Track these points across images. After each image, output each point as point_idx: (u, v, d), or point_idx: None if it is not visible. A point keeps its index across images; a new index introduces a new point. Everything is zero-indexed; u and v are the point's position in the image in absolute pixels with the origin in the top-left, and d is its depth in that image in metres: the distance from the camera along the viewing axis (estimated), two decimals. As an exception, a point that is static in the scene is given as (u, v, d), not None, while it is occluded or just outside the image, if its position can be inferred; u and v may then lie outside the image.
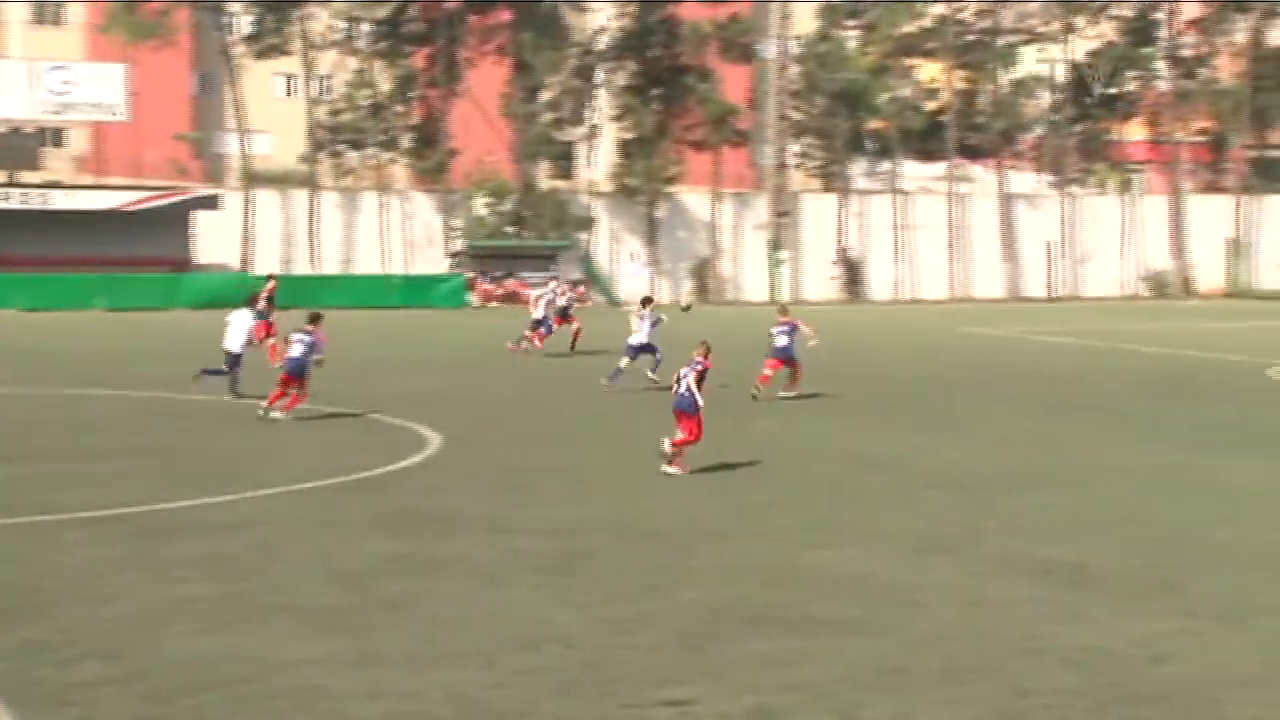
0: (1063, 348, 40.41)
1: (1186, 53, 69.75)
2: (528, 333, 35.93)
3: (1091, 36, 68.56)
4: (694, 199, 63.91)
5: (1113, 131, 69.96)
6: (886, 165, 67.45)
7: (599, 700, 10.49)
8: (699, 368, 19.87)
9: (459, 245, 60.47)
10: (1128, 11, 68.98)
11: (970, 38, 66.85)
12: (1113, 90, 69.03)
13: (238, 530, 15.85)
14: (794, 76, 65.58)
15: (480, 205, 61.20)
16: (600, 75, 64.07)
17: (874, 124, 67.48)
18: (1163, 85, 69.69)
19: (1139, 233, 68.08)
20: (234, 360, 26.88)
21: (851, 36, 67.10)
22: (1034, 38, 67.93)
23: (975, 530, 16.28)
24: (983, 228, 66.46)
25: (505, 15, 62.04)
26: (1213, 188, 72.16)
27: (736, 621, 12.47)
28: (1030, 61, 68.01)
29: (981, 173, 70.96)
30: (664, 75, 63.52)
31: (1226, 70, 70.78)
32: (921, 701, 10.53)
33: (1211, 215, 68.78)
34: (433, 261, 60.44)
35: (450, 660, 11.33)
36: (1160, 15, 69.40)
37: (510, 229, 60.88)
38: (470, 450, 21.64)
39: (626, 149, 63.73)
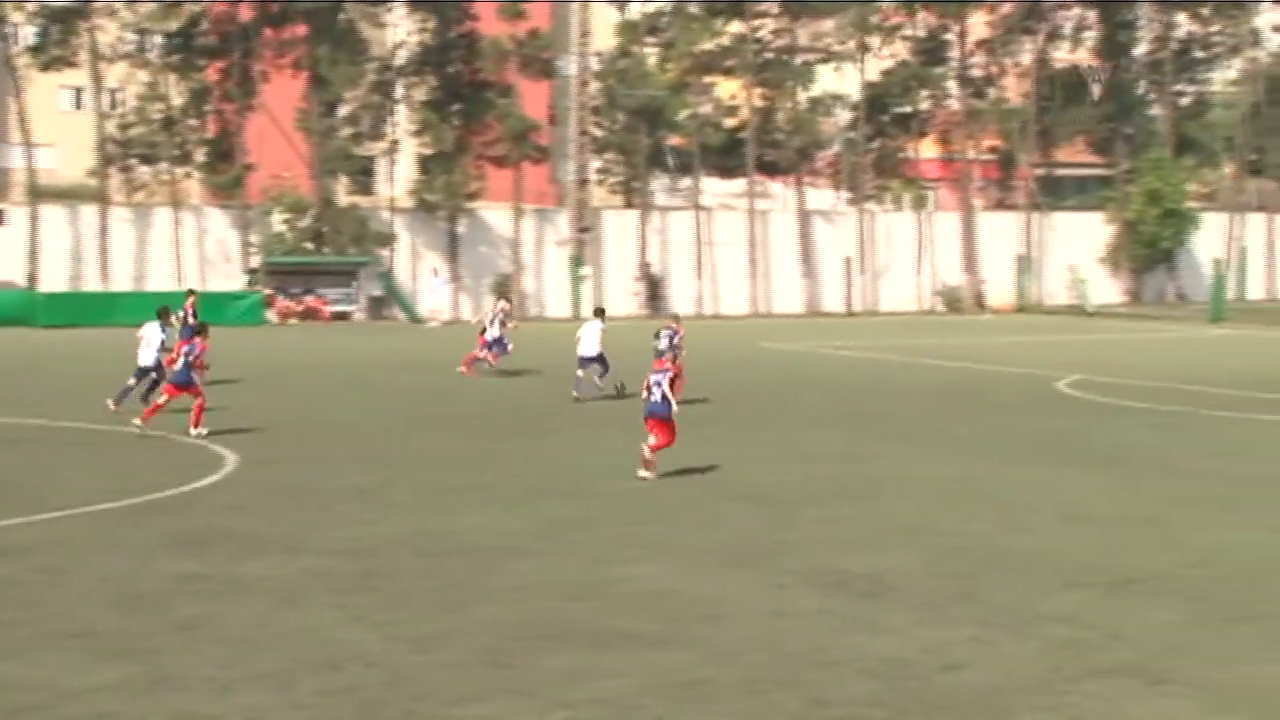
0: (861, 362, 41.21)
1: (976, 73, 71.70)
2: (482, 353, 35.06)
3: (885, 56, 70.08)
4: (495, 215, 63.86)
5: (907, 149, 71.61)
6: (687, 181, 68.14)
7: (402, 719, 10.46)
8: (670, 374, 21.15)
9: (256, 261, 59.56)
10: (919, 32, 70.70)
11: (768, 56, 67.90)
12: (906, 109, 70.67)
13: (21, 555, 15.43)
14: (594, 93, 65.93)
15: (278, 221, 60.35)
16: (399, 90, 63.66)
17: (675, 140, 68.11)
18: (954, 104, 71.53)
19: (933, 248, 69.75)
20: (142, 373, 27.00)
21: (651, 53, 67.68)
22: (829, 56, 69.24)
23: (776, 543, 16.55)
24: (782, 244, 67.48)
25: (301, 29, 61.32)
26: (1003, 205, 74.21)
27: (540, 637, 12.52)
28: (829, 79, 69.30)
29: (781, 189, 72.03)
30: (464, 91, 63.36)
31: (1014, 90, 72.93)
32: (724, 713, 10.69)
33: (1002, 232, 70.74)
34: (229, 278, 59.44)
35: (248, 683, 11.18)
36: (951, 36, 71.24)
37: (309, 245, 60.15)
38: (268, 469, 21.34)
39: (426, 164, 63.43)
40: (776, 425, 27.23)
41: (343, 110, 63.21)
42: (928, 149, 72.95)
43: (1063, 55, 74.24)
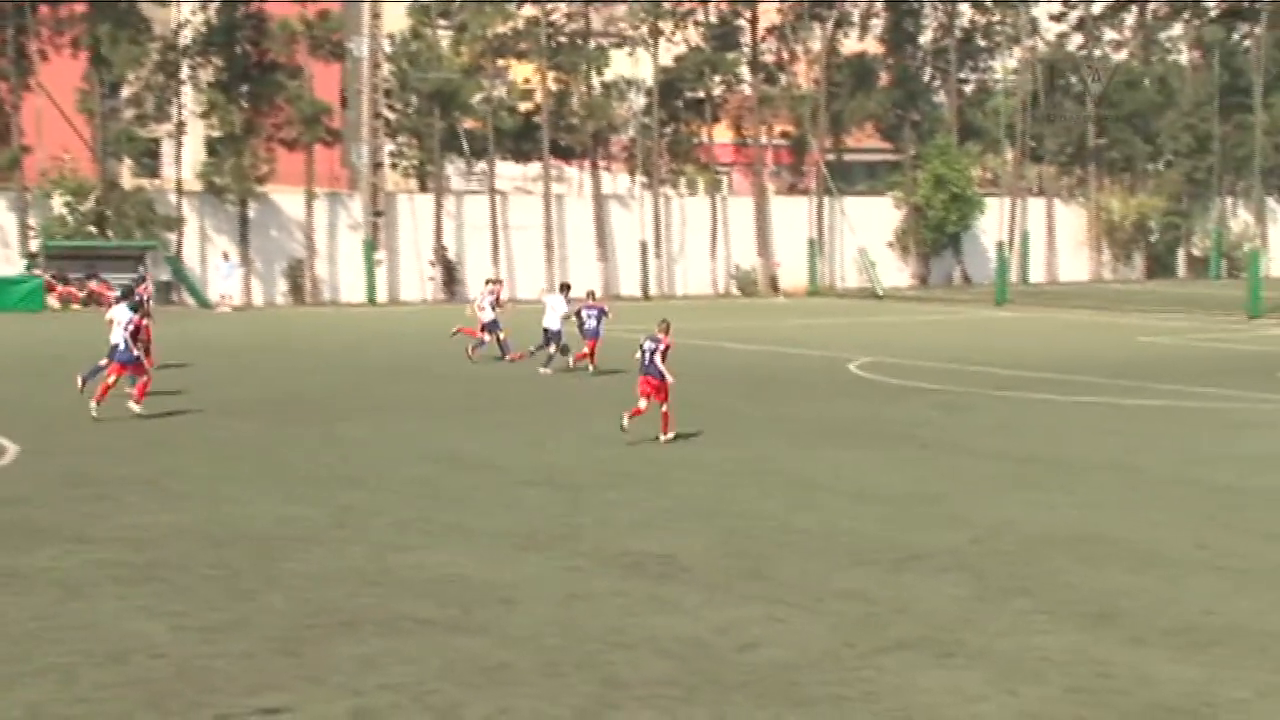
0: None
1: (768, 59, 72.60)
2: (486, 336, 35.67)
3: (678, 41, 70.56)
4: (287, 199, 62.83)
5: (700, 134, 72.22)
6: (482, 166, 67.84)
7: (191, 711, 10.25)
8: (662, 346, 23.03)
9: (35, 246, 57.74)
10: (711, 18, 71.33)
11: (561, 40, 67.90)
12: (699, 94, 71.25)
13: None
14: (386, 75, 65.24)
15: (59, 204, 58.59)
16: (185, 71, 62.21)
17: (469, 124, 67.74)
18: (746, 90, 72.32)
19: (727, 232, 70.48)
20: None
21: (444, 36, 67.21)
22: (623, 41, 69.51)
23: (570, 526, 16.60)
24: (578, 228, 67.58)
25: (80, 6, 59.54)
26: (795, 190, 75.31)
27: (331, 625, 12.38)
28: (623, 64, 69.56)
29: (576, 173, 72.12)
30: (252, 72, 62.19)
31: (805, 77, 74.04)
32: (521, 696, 10.69)
33: (794, 216, 71.77)
34: (7, 263, 57.56)
35: (30, 677, 10.87)
36: (742, 22, 72.01)
37: (92, 229, 58.52)
38: (50, 459, 20.74)
39: (215, 147, 62.16)
40: (568, 409, 27.28)
41: (126, 91, 61.57)
42: (721, 134, 73.67)
43: (852, 42, 75.59)
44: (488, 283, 39.49)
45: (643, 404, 23.01)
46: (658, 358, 23.06)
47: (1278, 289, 52.71)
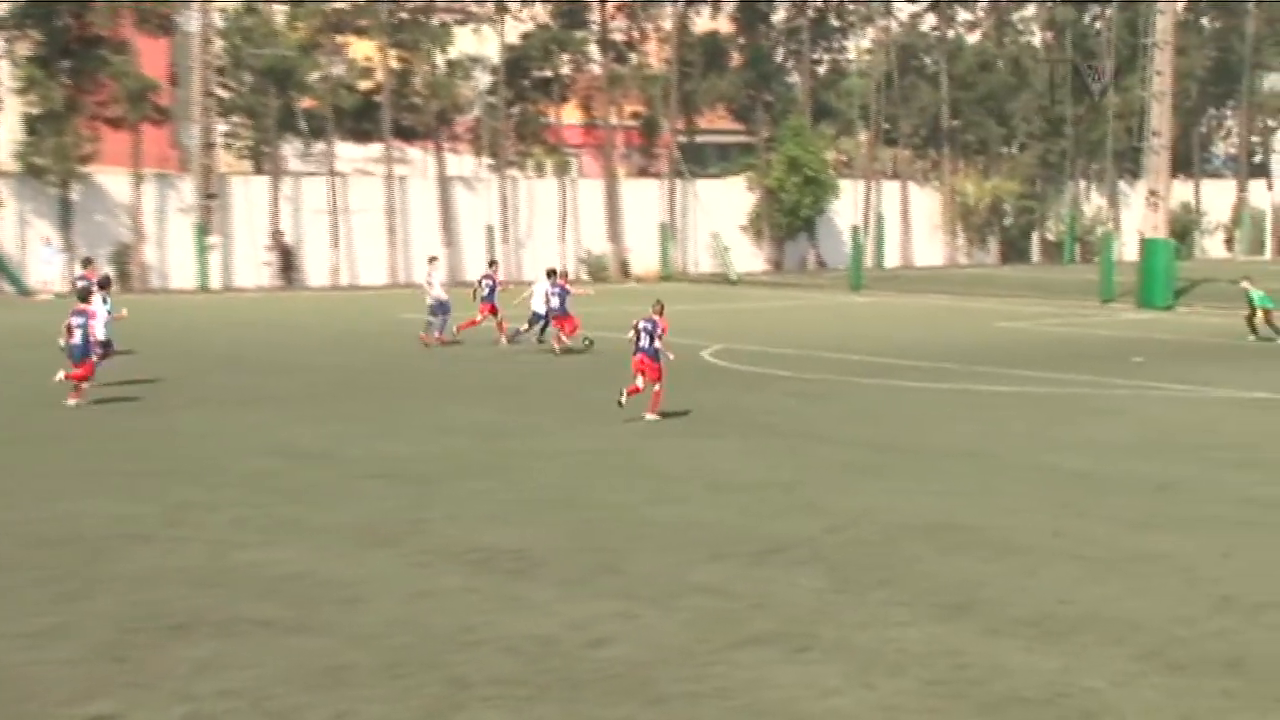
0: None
1: (617, 37, 72.64)
2: (481, 319, 37.15)
3: (524, 19, 70.34)
4: (113, 180, 61.57)
5: (548, 114, 72.07)
6: (321, 146, 67.04)
7: (12, 723, 10.02)
8: (660, 328, 24.47)
9: None
10: (560, -6, 71.29)
11: (403, 16, 67.32)
12: (547, 73, 71.08)
13: None
14: (218, 51, 64.17)
15: None
16: (1, 45, 60.64)
17: (306, 102, 66.91)
18: (596, 69, 72.32)
19: (577, 216, 70.45)
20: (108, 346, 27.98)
21: (279, 11, 66.30)
22: (467, 18, 69.10)
23: (416, 521, 16.49)
24: (422, 211, 67.06)
25: (-114, -25, 57.90)
26: (646, 172, 75.48)
27: (163, 628, 12.16)
28: (467, 41, 69.14)
29: (419, 155, 71.57)
30: (74, 46, 60.80)
31: (655, 56, 74.21)
32: (363, 699, 10.59)
33: (645, 199, 71.93)
34: None
35: None
36: (592, -1, 72.08)
37: (-99, 213, 56.91)
38: None
39: (34, 125, 60.68)
40: (416, 398, 27.11)
41: (-63, 66, 59.91)
42: (570, 115, 73.59)
43: (703, 21, 75.92)
44: (491, 264, 41.57)
45: (640, 382, 24.40)
46: (656, 341, 24.49)
47: (1130, 273, 53.91)
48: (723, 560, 14.75)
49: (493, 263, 43.68)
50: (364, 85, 67.77)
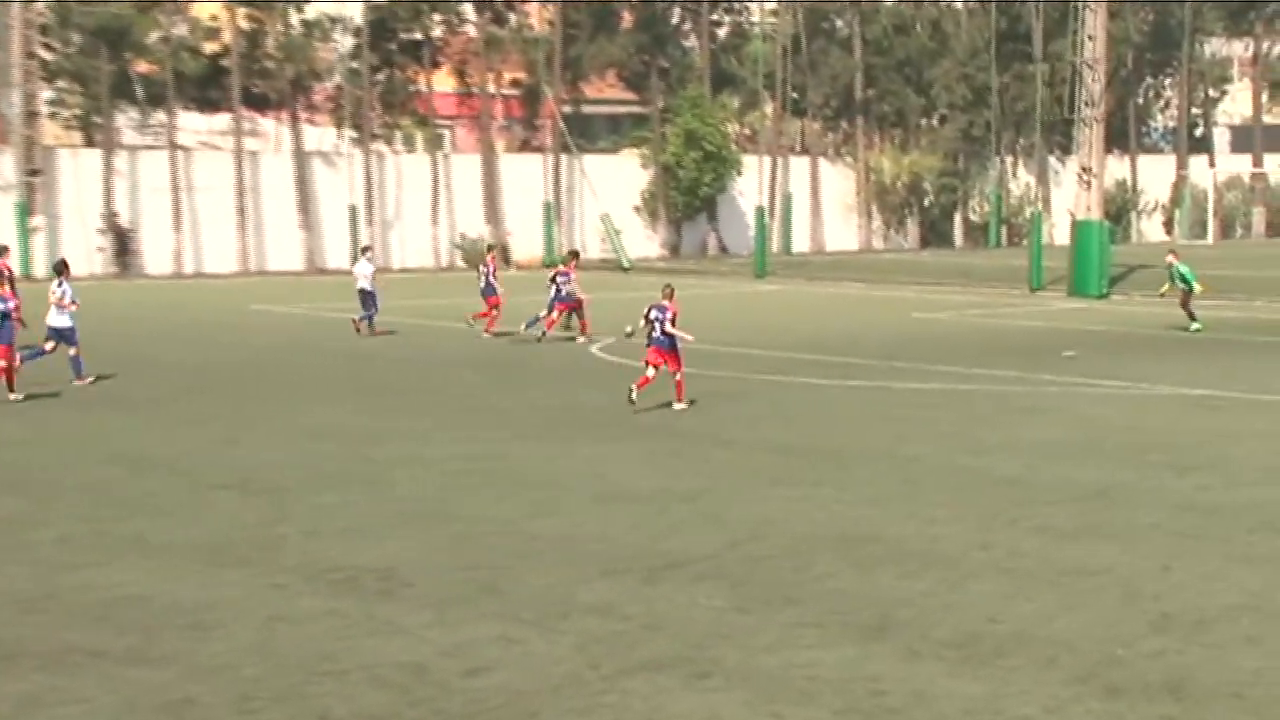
0: (368, 326, 41.19)
1: (496, -5, 72.65)
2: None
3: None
4: (-78, 154, 60.71)
5: (418, 81, 71.80)
6: (161, 116, 66.36)
7: None
8: (670, 314, 25.70)
9: None
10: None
11: (255, -31, 66.86)
12: (416, 35, 70.81)
13: None
14: (42, 9, 63.35)
15: None
16: None
17: (143, 67, 66.20)
18: (471, 31, 72.15)
19: (450, 196, 70.25)
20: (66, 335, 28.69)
21: (114, -37, 65.61)
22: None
23: (273, 537, 16.39)
24: (276, 190, 66.60)
25: None
26: (528, 146, 75.44)
27: (-15, 661, 12.01)
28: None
29: (273, 127, 71.04)
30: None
31: (538, 16, 74.17)
32: (211, 738, 10.51)
33: (527, 176, 71.88)
34: None
35: None
36: (465, -46, 71.90)
37: None
38: None
39: None
40: (272, 400, 26.94)
41: None
42: (442, 82, 73.36)
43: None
44: (490, 249, 42.18)
45: (651, 373, 25.63)
46: (669, 326, 25.75)
47: (1061, 258, 54.60)
48: (614, 578, 14.77)
49: (491, 247, 43.72)
50: (209, 48, 67.16)
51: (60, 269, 29.79)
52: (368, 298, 38.68)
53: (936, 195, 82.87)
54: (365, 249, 42.33)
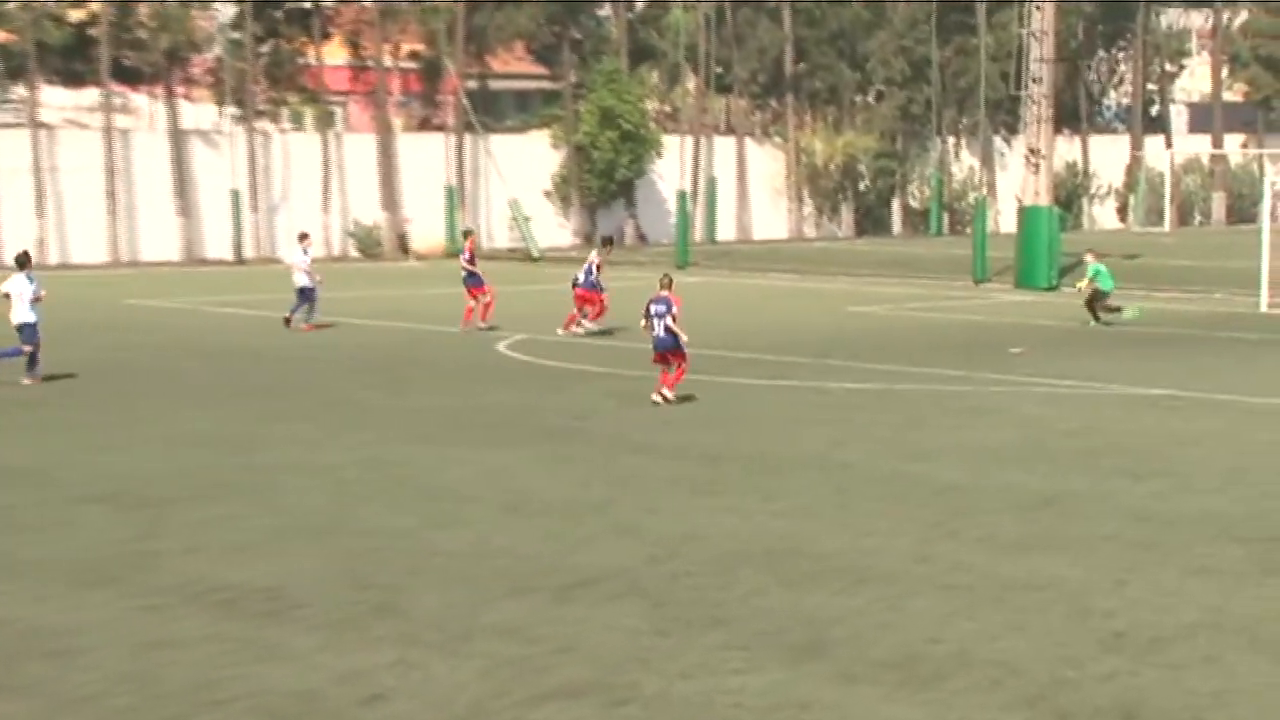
0: (256, 322, 40.93)
1: (387, -40, 72.43)
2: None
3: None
4: None
5: (307, 54, 71.41)
6: (21, 91, 65.73)
7: None
8: (675, 310, 26.71)
9: None
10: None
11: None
12: (304, 3, 70.45)
13: None
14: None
15: None
16: None
17: (1, 36, 65.54)
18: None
19: (343, 179, 69.91)
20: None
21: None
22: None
23: (148, 554, 16.31)
24: (150, 173, 66.05)
25: None
26: (428, 125, 75.17)
27: None
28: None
29: (146, 103, 70.47)
30: None
31: (438, -16, 74.03)
32: (80, 775, 10.45)
33: (428, 158, 71.57)
34: None
35: None
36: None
37: None
38: None
39: None
40: (146, 404, 26.78)
41: None
42: (334, 54, 73.04)
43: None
44: (466, 234, 42.82)
45: (681, 365, 26.93)
46: (671, 323, 26.73)
47: (1007, 247, 54.96)
48: (523, 597, 14.78)
49: (467, 232, 43.72)
50: (75, 15, 66.58)
51: (25, 261, 30.33)
52: (305, 291, 38.56)
53: (873, 179, 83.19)
54: (302, 236, 41.56)
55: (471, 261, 39.57)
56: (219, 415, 25.53)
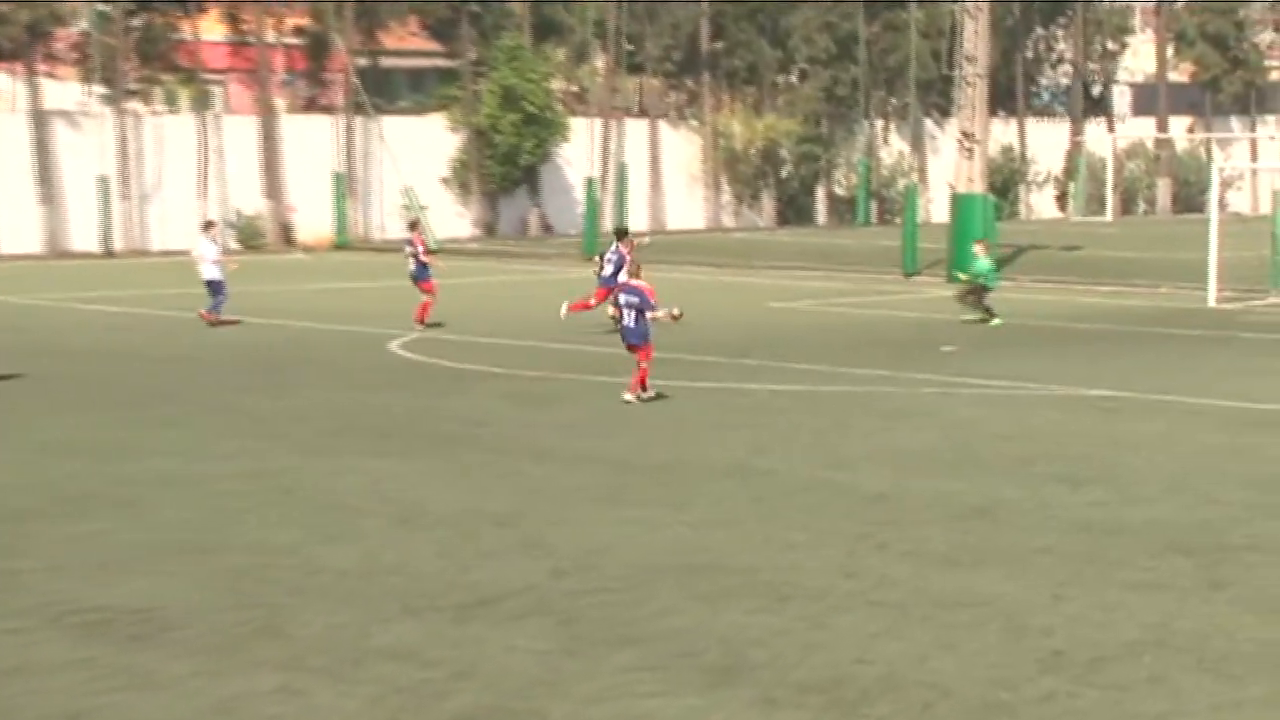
0: (126, 319, 40.66)
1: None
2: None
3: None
4: None
5: (182, 29, 71.03)
6: None
7: None
8: (647, 298, 27.43)
9: None
10: None
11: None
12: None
13: None
14: None
15: None
16: None
17: None
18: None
19: (223, 165, 69.59)
20: None
21: None
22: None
23: (4, 573, 16.19)
24: (9, 157, 65.61)
25: None
26: (315, 106, 74.91)
27: None
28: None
29: (6, 81, 69.92)
30: None
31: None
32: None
33: (314, 142, 71.36)
34: None
35: None
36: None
37: None
38: None
39: None
40: (7, 411, 26.60)
41: None
42: (211, 29, 72.69)
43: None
44: (412, 226, 42.40)
45: (643, 363, 27.42)
46: (645, 314, 27.42)
47: (940, 238, 55.17)
48: (417, 617, 14.74)
49: (415, 223, 43.27)
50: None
51: None
52: (215, 284, 38.74)
53: (796, 165, 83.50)
54: (208, 225, 41.42)
55: (424, 254, 39.33)
56: (86, 421, 25.34)
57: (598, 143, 76.76)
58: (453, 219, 73.43)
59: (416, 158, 72.95)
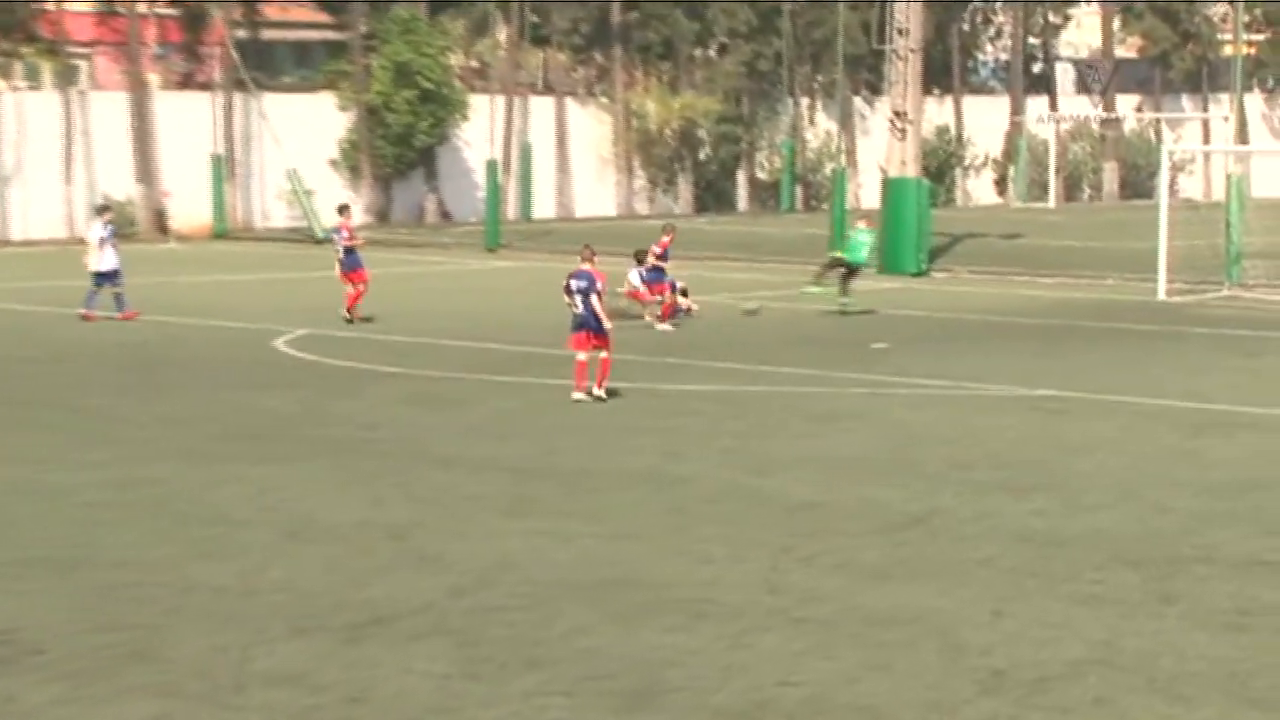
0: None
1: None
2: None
3: None
4: None
5: (45, -2, 70.72)
6: None
7: None
8: (599, 285, 27.41)
9: None
10: None
11: None
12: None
13: None
14: None
15: None
16: None
17: None
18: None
19: (89, 146, 69.14)
20: None
21: None
22: None
23: None
24: None
25: None
26: (192, 82, 74.49)
27: None
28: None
29: None
30: None
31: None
32: None
33: (191, 121, 70.89)
34: None
35: None
36: None
37: None
38: None
39: None
40: None
41: None
42: (76, -1, 72.28)
43: None
44: (342, 210, 42.28)
45: (583, 357, 27.38)
46: (594, 301, 27.31)
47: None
48: (305, 637, 14.70)
49: (344, 207, 42.93)
50: None
51: None
52: (111, 275, 38.84)
53: (715, 146, 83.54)
54: (101, 209, 40.99)
55: (352, 239, 39.29)
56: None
57: (500, 122, 76.55)
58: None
59: (302, 138, 72.61)
